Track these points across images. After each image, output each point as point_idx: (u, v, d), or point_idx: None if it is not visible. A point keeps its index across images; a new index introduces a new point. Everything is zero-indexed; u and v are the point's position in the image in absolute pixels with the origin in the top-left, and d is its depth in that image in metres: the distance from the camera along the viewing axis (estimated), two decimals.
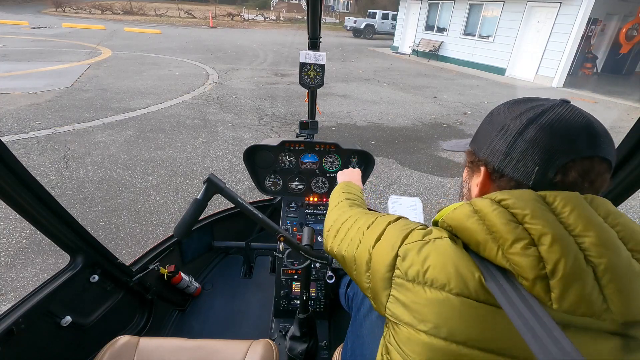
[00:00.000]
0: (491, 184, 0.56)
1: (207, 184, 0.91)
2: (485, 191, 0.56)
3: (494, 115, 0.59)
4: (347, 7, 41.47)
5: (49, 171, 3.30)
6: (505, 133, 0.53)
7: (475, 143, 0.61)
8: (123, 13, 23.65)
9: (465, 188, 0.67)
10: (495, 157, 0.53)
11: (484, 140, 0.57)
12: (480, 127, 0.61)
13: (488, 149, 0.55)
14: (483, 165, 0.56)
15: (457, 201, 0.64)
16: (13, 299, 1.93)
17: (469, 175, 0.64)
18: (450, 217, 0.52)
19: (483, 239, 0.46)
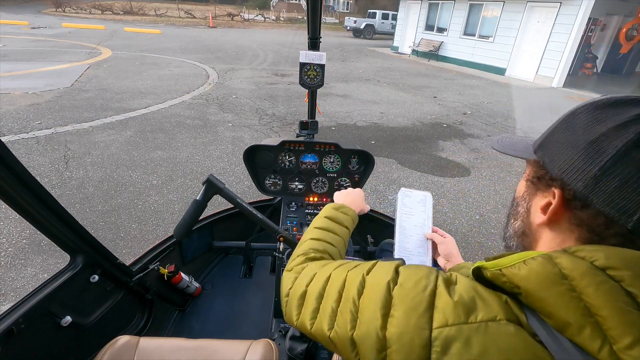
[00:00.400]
0: (566, 212, 0.42)
1: (206, 184, 0.91)
2: (555, 220, 0.43)
3: (578, 117, 0.43)
4: (347, 7, 41.48)
5: (49, 171, 3.30)
6: (599, 149, 0.38)
7: (546, 151, 0.45)
8: (123, 13, 23.65)
9: (521, 207, 0.50)
10: (579, 179, 0.39)
11: (561, 152, 0.42)
12: (554, 131, 0.45)
13: (568, 166, 0.41)
14: (558, 187, 0.42)
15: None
16: (13, 299, 1.94)
17: (529, 191, 0.49)
18: (520, 275, 0.37)
19: (577, 322, 0.33)
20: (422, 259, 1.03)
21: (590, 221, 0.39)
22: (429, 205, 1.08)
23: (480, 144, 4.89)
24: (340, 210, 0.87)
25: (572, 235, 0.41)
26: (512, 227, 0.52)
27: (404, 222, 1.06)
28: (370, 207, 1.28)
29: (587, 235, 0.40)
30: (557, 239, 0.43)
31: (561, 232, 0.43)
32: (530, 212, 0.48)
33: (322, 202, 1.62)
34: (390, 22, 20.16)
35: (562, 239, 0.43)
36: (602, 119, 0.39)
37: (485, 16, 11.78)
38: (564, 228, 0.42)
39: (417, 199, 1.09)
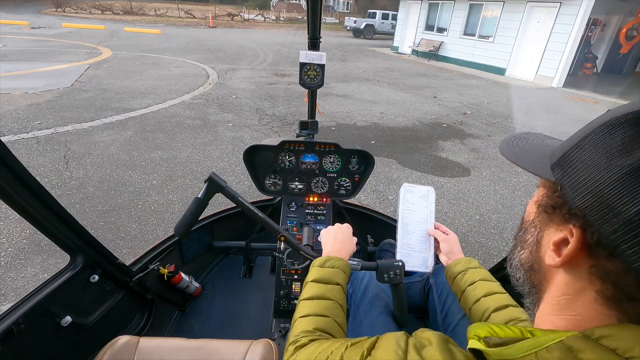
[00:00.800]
0: (586, 260, 0.33)
1: (208, 182, 0.91)
2: (572, 264, 0.35)
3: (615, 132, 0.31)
4: (347, 7, 41.49)
5: (49, 171, 3.30)
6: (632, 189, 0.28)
7: (568, 173, 0.35)
8: (123, 13, 23.66)
9: (530, 236, 0.42)
10: (608, 220, 0.30)
11: (588, 178, 0.32)
12: (580, 145, 0.34)
13: (594, 200, 0.31)
14: (578, 227, 0.33)
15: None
16: (13, 299, 1.94)
17: (542, 219, 0.39)
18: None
19: None
20: (424, 256, 1.03)
21: (617, 277, 0.31)
22: (431, 200, 1.07)
23: (480, 144, 4.89)
24: (327, 265, 0.83)
25: (591, 287, 0.33)
26: (519, 257, 0.44)
27: (406, 217, 1.05)
28: (370, 206, 1.27)
29: (611, 291, 0.31)
30: (573, 285, 0.35)
31: (579, 279, 0.35)
32: (541, 245, 0.39)
33: (322, 202, 1.62)
34: (390, 22, 20.16)
35: (579, 287, 0.35)
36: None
37: (485, 16, 11.78)
38: (582, 276, 0.34)
39: (420, 194, 1.08)
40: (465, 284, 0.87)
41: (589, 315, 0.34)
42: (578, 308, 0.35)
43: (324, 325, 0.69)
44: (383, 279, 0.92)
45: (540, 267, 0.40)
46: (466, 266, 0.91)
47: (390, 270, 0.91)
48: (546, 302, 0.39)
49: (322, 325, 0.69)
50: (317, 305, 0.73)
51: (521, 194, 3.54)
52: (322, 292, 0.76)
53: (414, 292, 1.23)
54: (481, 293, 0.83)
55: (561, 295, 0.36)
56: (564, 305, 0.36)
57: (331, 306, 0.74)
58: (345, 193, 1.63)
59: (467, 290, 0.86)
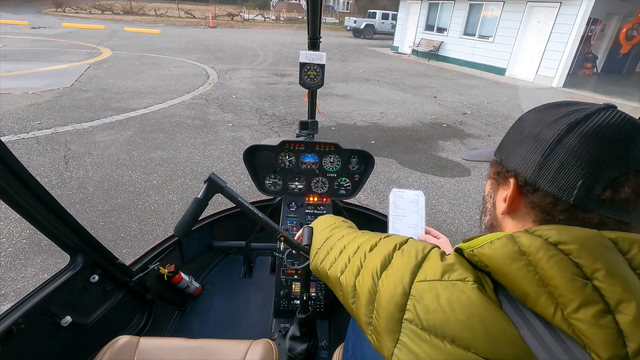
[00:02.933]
0: (522, 198, 0.48)
1: (208, 183, 0.91)
2: (514, 207, 0.50)
3: (524, 121, 0.51)
4: (347, 7, 41.48)
5: (49, 171, 3.30)
6: (540, 141, 0.45)
7: (502, 152, 0.53)
8: (123, 13, 23.65)
9: (489, 203, 0.58)
10: (528, 168, 0.46)
11: (513, 149, 0.50)
12: (507, 135, 0.54)
13: (518, 159, 0.48)
14: (512, 176, 0.49)
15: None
16: (13, 299, 1.94)
17: (493, 188, 0.56)
18: (487, 254, 0.41)
19: (534, 292, 0.37)
20: None
21: (541, 202, 0.45)
22: (421, 204, 1.07)
23: (480, 144, 4.88)
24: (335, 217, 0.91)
25: (529, 218, 0.48)
26: (484, 222, 0.59)
27: (396, 223, 1.05)
28: (369, 207, 1.27)
29: (540, 215, 0.46)
30: (519, 224, 0.50)
31: (521, 217, 0.49)
32: (496, 205, 0.55)
33: (322, 202, 1.62)
34: (390, 22, 20.16)
35: (522, 224, 0.49)
36: (542, 119, 0.48)
37: (485, 16, 11.78)
38: (522, 213, 0.49)
39: (409, 199, 1.08)
40: None
41: None
42: None
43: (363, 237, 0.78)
44: None
45: (497, 222, 0.55)
46: None
47: None
48: None
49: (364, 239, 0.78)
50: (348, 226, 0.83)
51: None
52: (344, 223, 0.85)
53: None
54: None
55: None
56: None
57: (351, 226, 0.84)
58: (345, 193, 1.63)
59: None
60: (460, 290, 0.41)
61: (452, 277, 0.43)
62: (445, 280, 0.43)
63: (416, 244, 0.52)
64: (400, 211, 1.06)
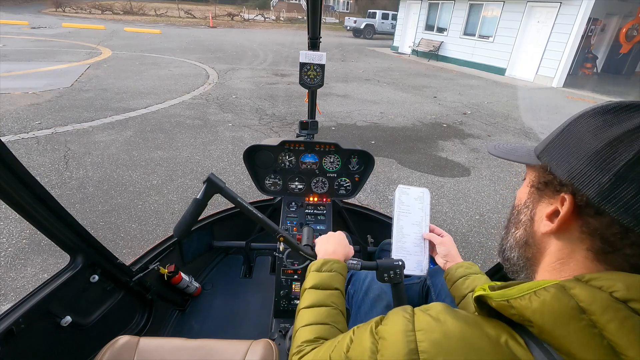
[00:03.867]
0: (577, 220, 0.39)
1: (207, 183, 0.91)
2: (565, 229, 0.41)
3: (583, 124, 0.41)
4: (347, 7, 41.46)
5: (49, 171, 3.30)
6: (612, 155, 0.36)
7: (551, 157, 0.44)
8: (123, 13, 23.65)
9: (524, 215, 0.48)
10: (592, 186, 0.37)
11: (568, 157, 0.41)
12: (560, 136, 0.44)
13: (577, 172, 0.39)
14: (569, 192, 0.40)
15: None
16: (13, 299, 1.93)
17: (533, 198, 0.46)
18: (531, 308, 0.34)
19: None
20: (419, 259, 1.03)
21: (603, 230, 0.37)
22: (426, 202, 1.07)
23: (480, 144, 4.88)
24: (324, 269, 0.82)
25: (582, 245, 0.39)
26: (514, 236, 0.50)
27: (401, 220, 1.05)
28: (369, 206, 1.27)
29: (599, 245, 0.37)
30: (565, 249, 0.41)
31: (570, 241, 0.40)
32: (534, 220, 0.46)
33: (322, 202, 1.62)
34: (390, 22, 20.15)
35: (570, 249, 0.40)
36: (612, 124, 0.38)
37: (485, 16, 11.77)
38: (573, 237, 0.40)
39: (415, 195, 1.08)
40: (467, 290, 0.87)
41: (581, 273, 0.38)
42: (571, 269, 0.40)
43: (326, 333, 0.69)
44: (383, 279, 0.91)
45: (534, 240, 0.46)
46: (467, 271, 0.91)
47: (390, 269, 0.91)
48: (543, 271, 0.44)
49: (324, 334, 0.69)
50: (317, 313, 0.73)
51: None
52: (321, 299, 0.76)
53: (412, 293, 1.24)
54: None
55: (556, 261, 0.41)
56: (559, 269, 0.42)
57: (331, 313, 0.74)
58: (345, 193, 1.63)
59: (469, 297, 0.86)
60: None
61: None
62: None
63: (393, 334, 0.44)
64: (405, 208, 1.06)
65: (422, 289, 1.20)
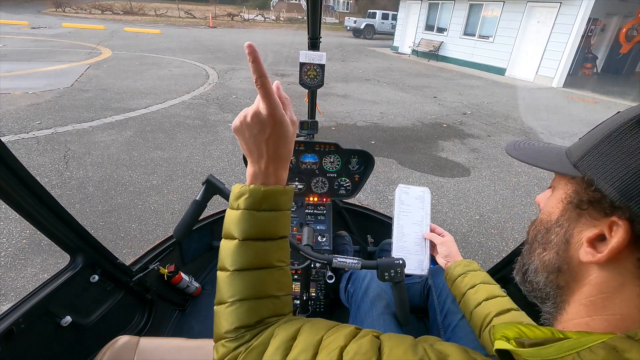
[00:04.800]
0: (632, 252, 0.32)
1: (206, 185, 0.91)
2: (615, 259, 0.33)
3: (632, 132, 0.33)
4: (347, 7, 41.47)
5: (49, 171, 3.30)
6: None
7: (594, 168, 0.35)
8: (123, 13, 23.65)
9: (557, 236, 0.39)
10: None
11: (623, 170, 0.32)
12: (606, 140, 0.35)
13: (635, 193, 0.31)
14: (624, 218, 0.32)
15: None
16: (13, 299, 1.93)
17: (570, 217, 0.38)
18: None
19: None
20: (420, 258, 1.03)
21: None
22: (427, 201, 1.07)
23: (480, 144, 4.88)
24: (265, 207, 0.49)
25: (636, 282, 0.32)
26: (541, 259, 0.41)
27: (401, 220, 1.05)
28: (369, 206, 1.26)
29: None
30: (613, 282, 0.34)
31: (620, 275, 0.33)
32: (571, 243, 0.37)
33: (322, 202, 1.62)
34: (390, 22, 20.16)
35: (620, 282, 0.33)
36: None
37: (485, 16, 11.78)
38: (625, 271, 0.33)
39: (415, 195, 1.08)
40: (466, 287, 0.87)
41: (629, 313, 0.32)
42: (617, 306, 0.33)
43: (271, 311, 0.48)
44: (384, 278, 0.91)
45: (569, 267, 0.38)
46: (466, 269, 0.91)
47: (391, 268, 0.91)
48: (578, 304, 0.37)
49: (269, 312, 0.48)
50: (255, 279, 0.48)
51: (521, 194, 3.54)
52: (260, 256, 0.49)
53: (414, 292, 1.24)
54: (482, 297, 0.82)
55: (597, 295, 0.34)
56: (601, 305, 0.34)
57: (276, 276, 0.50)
58: (345, 193, 1.63)
59: (468, 294, 0.85)
60: None
61: None
62: None
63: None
64: (405, 207, 1.06)
65: (423, 289, 1.20)
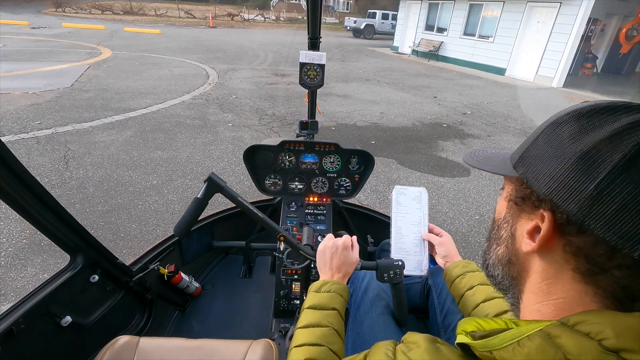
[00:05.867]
0: (559, 239, 0.36)
1: (207, 182, 0.91)
2: (548, 248, 0.37)
3: (563, 128, 0.37)
4: (347, 7, 41.48)
5: (49, 171, 3.30)
6: (591, 165, 0.32)
7: (528, 167, 0.40)
8: (123, 13, 23.65)
9: (504, 231, 0.44)
10: (572, 201, 0.33)
11: (546, 167, 0.37)
12: (535, 143, 0.40)
13: (556, 184, 0.35)
14: (548, 209, 0.36)
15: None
16: (13, 299, 1.94)
17: (512, 213, 0.43)
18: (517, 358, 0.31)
19: None
20: (419, 259, 1.03)
21: (588, 250, 0.33)
22: (424, 202, 1.07)
23: (480, 144, 4.88)
24: (323, 290, 0.82)
25: (568, 266, 0.36)
26: (495, 253, 0.46)
27: (399, 221, 1.05)
28: (369, 206, 1.27)
29: (585, 266, 0.34)
30: (551, 269, 0.37)
31: (554, 262, 0.37)
32: (516, 237, 0.42)
33: (322, 202, 1.62)
34: (390, 22, 20.16)
35: (556, 269, 0.37)
36: (591, 128, 0.34)
37: (485, 16, 11.78)
38: (557, 257, 0.36)
39: (412, 195, 1.08)
40: (464, 288, 0.87)
41: (570, 295, 0.36)
42: (559, 291, 0.37)
43: (318, 355, 0.69)
44: (383, 279, 0.92)
45: (517, 258, 0.42)
46: (464, 270, 0.91)
47: (390, 269, 0.91)
48: (529, 292, 0.41)
49: (317, 355, 0.69)
50: (312, 334, 0.73)
51: None
52: (317, 319, 0.76)
53: (413, 292, 1.24)
54: (480, 298, 0.83)
55: (542, 282, 0.38)
56: (547, 290, 0.38)
57: (326, 334, 0.73)
58: (345, 193, 1.63)
59: (466, 295, 0.86)
60: None
61: None
62: None
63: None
64: (403, 208, 1.06)
65: (423, 289, 1.21)
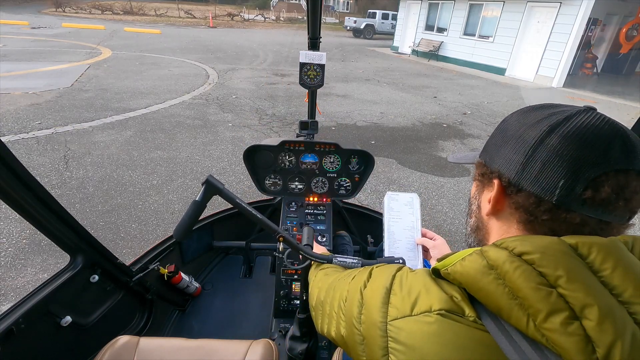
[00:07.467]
0: (506, 199, 0.48)
1: (205, 185, 0.91)
2: (499, 208, 0.50)
3: (508, 123, 0.52)
4: (347, 7, 41.46)
5: (49, 171, 3.30)
6: (522, 141, 0.46)
7: (487, 154, 0.54)
8: (123, 13, 23.64)
9: (474, 205, 0.59)
10: (511, 168, 0.46)
11: (497, 150, 0.51)
12: (491, 137, 0.55)
13: (502, 160, 0.48)
14: (496, 177, 0.49)
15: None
16: (13, 299, 1.94)
17: (478, 190, 0.57)
18: (459, 272, 0.42)
19: (506, 304, 0.37)
20: (413, 264, 1.03)
21: (524, 202, 0.45)
22: (416, 207, 1.07)
23: (480, 144, 4.87)
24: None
25: (513, 219, 0.48)
26: (469, 224, 0.60)
27: (392, 226, 1.05)
28: (369, 206, 1.27)
29: (524, 216, 0.46)
30: (504, 226, 0.50)
31: (505, 219, 0.49)
32: (481, 207, 0.55)
33: (322, 202, 1.62)
34: (390, 22, 20.15)
35: (507, 225, 0.49)
36: (524, 120, 0.48)
37: (485, 16, 11.78)
38: (507, 214, 0.49)
39: (404, 201, 1.08)
40: None
41: None
42: None
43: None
44: None
45: (482, 224, 0.55)
46: None
47: None
48: None
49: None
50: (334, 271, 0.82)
51: None
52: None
53: None
54: None
55: (499, 238, 0.47)
56: None
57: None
58: (345, 193, 1.64)
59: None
60: (426, 323, 0.41)
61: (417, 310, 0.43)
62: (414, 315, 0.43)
63: (380, 276, 0.52)
64: (395, 214, 1.07)
65: None
